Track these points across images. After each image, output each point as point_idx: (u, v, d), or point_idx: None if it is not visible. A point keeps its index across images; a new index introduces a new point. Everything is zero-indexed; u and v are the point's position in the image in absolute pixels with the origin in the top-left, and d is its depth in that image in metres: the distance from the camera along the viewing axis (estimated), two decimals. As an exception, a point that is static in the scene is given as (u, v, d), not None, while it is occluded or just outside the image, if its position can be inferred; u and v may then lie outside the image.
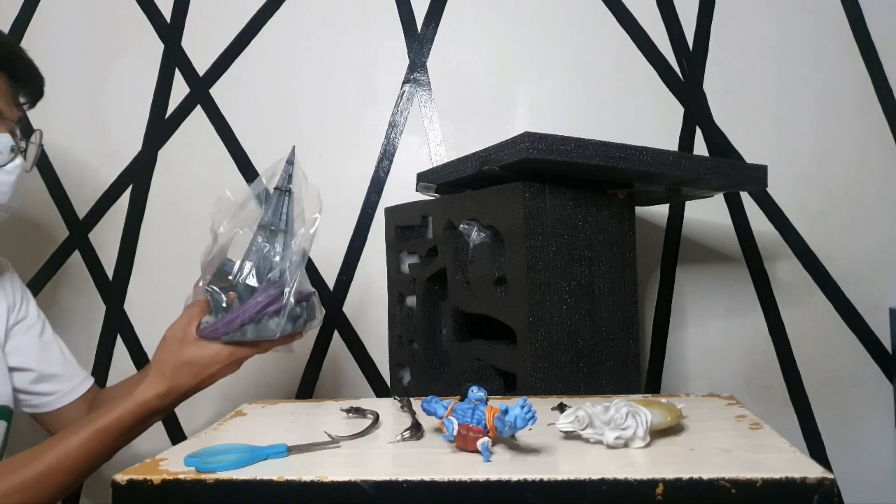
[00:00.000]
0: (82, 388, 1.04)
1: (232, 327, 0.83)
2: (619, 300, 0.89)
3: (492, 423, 0.58)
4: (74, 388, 1.03)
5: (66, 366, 1.04)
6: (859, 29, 1.35)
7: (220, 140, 1.42)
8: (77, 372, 1.05)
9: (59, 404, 1.02)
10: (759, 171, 0.95)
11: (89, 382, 1.06)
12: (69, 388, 1.02)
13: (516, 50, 1.39)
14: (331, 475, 0.54)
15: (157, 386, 0.85)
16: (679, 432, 0.64)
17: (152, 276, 1.41)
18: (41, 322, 1.04)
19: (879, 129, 1.35)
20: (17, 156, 0.90)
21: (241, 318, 0.82)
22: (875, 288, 1.34)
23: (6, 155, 0.89)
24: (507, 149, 0.84)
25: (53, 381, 1.02)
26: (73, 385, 1.03)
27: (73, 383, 1.03)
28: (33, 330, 1.02)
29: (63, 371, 1.03)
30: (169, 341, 0.87)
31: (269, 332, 0.83)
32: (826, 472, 0.51)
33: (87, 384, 1.05)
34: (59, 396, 1.02)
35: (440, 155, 1.39)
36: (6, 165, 0.89)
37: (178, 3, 1.44)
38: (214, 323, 0.84)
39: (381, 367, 1.38)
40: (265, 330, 0.83)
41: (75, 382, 1.04)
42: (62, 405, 1.02)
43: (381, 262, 1.25)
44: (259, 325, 0.83)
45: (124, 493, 0.55)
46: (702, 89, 1.37)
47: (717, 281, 1.36)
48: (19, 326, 1.00)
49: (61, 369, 1.03)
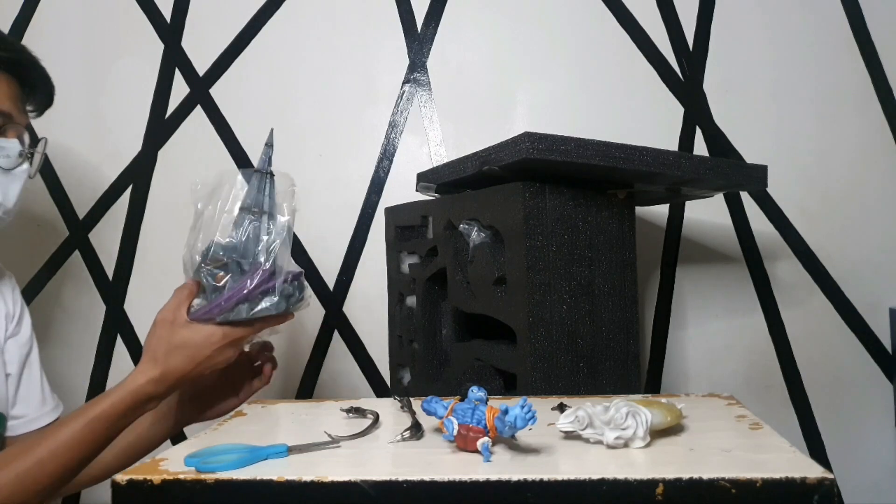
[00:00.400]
0: (45, 420, 1.02)
1: (226, 307, 0.82)
2: (619, 300, 0.89)
3: (492, 423, 0.58)
4: (39, 417, 1.01)
5: (41, 394, 1.02)
6: (859, 29, 1.35)
7: (220, 140, 1.42)
8: (48, 400, 1.03)
9: (22, 430, 0.99)
10: (759, 171, 0.95)
11: (58, 411, 1.04)
12: (37, 416, 1.01)
13: (516, 50, 1.39)
14: (331, 475, 0.54)
15: (149, 371, 0.83)
16: (679, 432, 0.64)
17: (152, 276, 1.41)
18: (30, 345, 1.03)
19: (879, 129, 1.35)
20: (24, 161, 0.90)
21: (235, 297, 0.81)
22: (875, 288, 1.34)
23: (14, 160, 0.89)
24: (507, 149, 0.84)
25: (24, 405, 1.00)
26: (41, 412, 1.01)
27: (44, 410, 1.02)
28: (23, 349, 1.01)
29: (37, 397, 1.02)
30: (159, 325, 0.84)
31: (264, 310, 0.82)
32: (826, 472, 0.51)
33: (53, 415, 1.03)
34: (24, 422, 1.00)
35: (440, 155, 1.39)
36: (14, 170, 0.89)
37: (178, 3, 1.44)
38: (208, 304, 0.83)
39: (381, 367, 1.38)
40: (259, 309, 0.83)
41: (45, 410, 1.02)
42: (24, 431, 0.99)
43: (381, 262, 1.25)
44: (252, 303, 0.82)
45: (124, 493, 0.55)
46: (702, 89, 1.37)
47: (717, 281, 1.36)
48: (12, 341, 1.00)
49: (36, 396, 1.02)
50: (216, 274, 0.82)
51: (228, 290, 0.82)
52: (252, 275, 0.82)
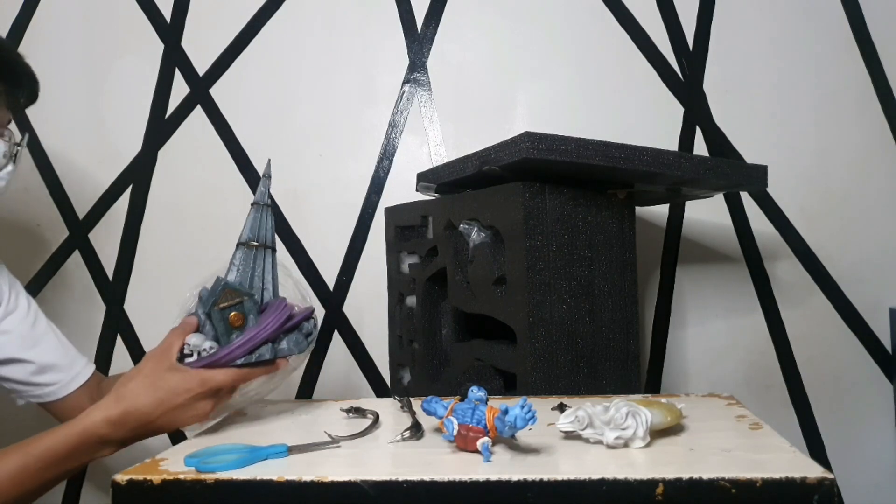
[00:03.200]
0: (83, 377, 1.04)
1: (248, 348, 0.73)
2: (619, 300, 0.89)
3: (492, 423, 0.58)
4: (75, 376, 1.03)
5: (64, 355, 1.03)
6: (859, 29, 1.35)
7: (220, 140, 1.42)
8: (77, 360, 1.05)
9: (63, 393, 1.01)
10: (759, 171, 0.95)
11: (90, 370, 1.05)
12: (70, 378, 1.02)
13: (516, 50, 1.39)
14: (331, 475, 0.54)
15: (109, 408, 0.74)
16: (679, 432, 0.64)
17: (152, 276, 1.41)
18: (33, 313, 1.03)
19: (879, 129, 1.35)
20: (9, 162, 0.90)
21: (260, 336, 0.73)
22: (875, 288, 1.34)
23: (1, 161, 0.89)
24: (508, 149, 0.84)
25: (53, 372, 1.01)
26: (73, 374, 1.03)
27: (74, 372, 1.03)
28: (26, 321, 1.01)
29: (61, 360, 1.03)
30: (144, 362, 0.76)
31: (287, 350, 0.75)
32: (826, 472, 0.51)
33: (87, 371, 1.05)
34: (61, 386, 1.01)
35: (440, 155, 1.39)
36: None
37: (178, 3, 1.44)
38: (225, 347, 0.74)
39: (381, 367, 1.38)
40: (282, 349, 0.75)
41: (76, 371, 1.03)
42: (66, 394, 1.01)
43: (381, 262, 1.25)
44: (276, 345, 0.75)
45: (124, 493, 0.56)
46: (702, 89, 1.37)
47: (717, 281, 1.36)
48: (10, 319, 1.00)
49: (59, 359, 1.02)
50: (230, 313, 0.74)
51: (251, 329, 0.74)
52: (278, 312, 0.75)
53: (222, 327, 0.74)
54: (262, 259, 0.78)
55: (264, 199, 0.81)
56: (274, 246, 0.80)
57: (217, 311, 0.73)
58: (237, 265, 0.78)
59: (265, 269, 0.78)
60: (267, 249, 0.79)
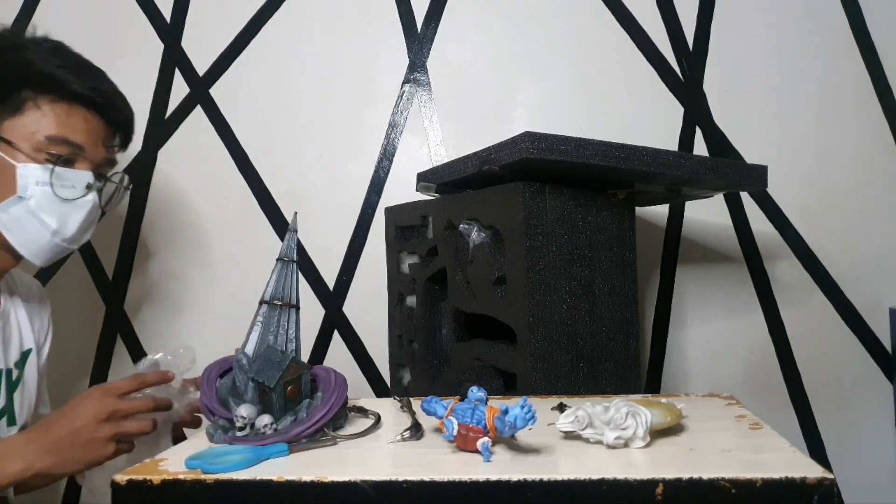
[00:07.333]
0: None
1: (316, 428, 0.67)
2: (619, 300, 0.89)
3: (492, 423, 0.58)
4: None
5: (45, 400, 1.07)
6: (859, 29, 1.35)
7: (220, 140, 1.42)
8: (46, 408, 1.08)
9: None
10: (759, 171, 0.95)
11: None
12: None
13: (516, 50, 1.39)
14: (331, 475, 0.54)
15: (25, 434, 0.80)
16: (679, 432, 0.64)
17: (152, 276, 1.41)
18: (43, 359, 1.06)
19: (879, 129, 1.35)
20: (90, 192, 0.90)
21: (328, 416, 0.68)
22: (875, 288, 1.34)
23: (80, 190, 0.89)
24: (508, 149, 0.84)
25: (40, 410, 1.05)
26: None
27: None
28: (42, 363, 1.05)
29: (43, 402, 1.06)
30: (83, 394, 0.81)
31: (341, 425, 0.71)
32: (826, 472, 0.51)
33: None
34: None
35: (440, 155, 1.39)
36: (76, 200, 0.89)
37: (178, 3, 1.44)
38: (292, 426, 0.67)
39: (381, 367, 1.38)
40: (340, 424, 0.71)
41: None
42: None
43: (381, 262, 1.25)
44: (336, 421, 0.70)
45: (124, 493, 0.55)
46: (702, 89, 1.37)
47: (717, 281, 1.36)
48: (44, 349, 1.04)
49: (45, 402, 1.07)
50: (289, 387, 0.69)
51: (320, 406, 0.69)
52: (339, 390, 0.71)
53: (282, 402, 0.69)
54: (287, 318, 0.74)
55: (291, 254, 0.76)
56: (298, 304, 0.75)
57: (281, 386, 0.69)
58: (261, 323, 0.74)
59: (288, 328, 0.74)
60: (291, 308, 0.74)
